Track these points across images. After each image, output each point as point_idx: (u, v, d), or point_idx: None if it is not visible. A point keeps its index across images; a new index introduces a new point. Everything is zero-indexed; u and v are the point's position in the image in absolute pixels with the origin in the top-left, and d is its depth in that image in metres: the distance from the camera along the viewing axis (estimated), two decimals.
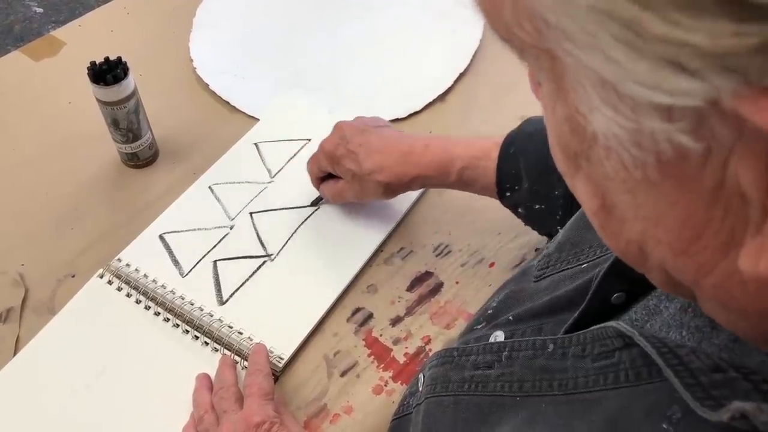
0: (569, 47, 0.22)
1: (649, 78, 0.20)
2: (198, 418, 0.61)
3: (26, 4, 2.29)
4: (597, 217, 0.28)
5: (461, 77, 0.93)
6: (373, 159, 0.68)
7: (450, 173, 0.67)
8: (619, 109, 0.21)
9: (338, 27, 1.02)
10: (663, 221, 0.24)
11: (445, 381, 0.47)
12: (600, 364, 0.36)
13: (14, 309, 0.71)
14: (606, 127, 0.22)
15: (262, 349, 0.66)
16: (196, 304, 0.71)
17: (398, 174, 0.68)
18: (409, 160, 0.68)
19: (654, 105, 0.20)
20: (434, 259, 0.75)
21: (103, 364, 0.67)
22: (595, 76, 0.21)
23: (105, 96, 0.77)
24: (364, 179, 0.69)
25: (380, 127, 0.72)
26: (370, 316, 0.71)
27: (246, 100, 0.91)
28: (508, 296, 0.54)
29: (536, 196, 0.64)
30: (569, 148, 0.26)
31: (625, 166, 0.23)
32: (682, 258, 0.25)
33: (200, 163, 0.84)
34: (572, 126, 0.25)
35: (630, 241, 0.27)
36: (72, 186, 0.82)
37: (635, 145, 0.22)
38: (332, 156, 0.71)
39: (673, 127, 0.20)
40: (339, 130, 0.72)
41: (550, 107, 0.26)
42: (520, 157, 0.65)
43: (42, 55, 0.98)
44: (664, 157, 0.22)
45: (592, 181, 0.26)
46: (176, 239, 0.77)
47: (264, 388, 0.61)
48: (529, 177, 0.64)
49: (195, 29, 1.01)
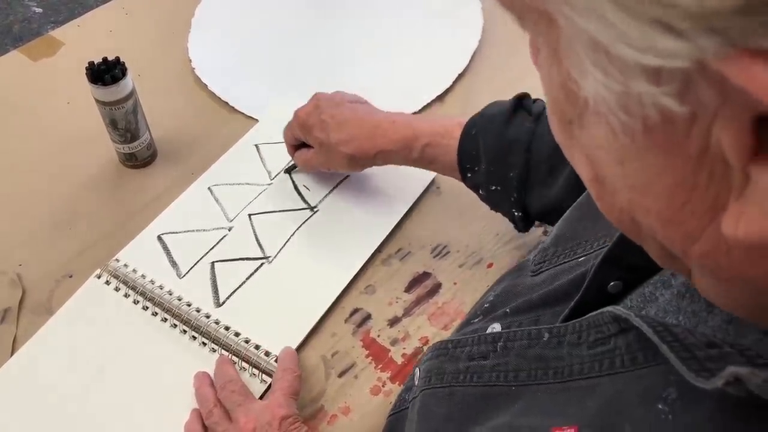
0: (566, 10, 0.22)
1: (640, 39, 0.20)
2: (207, 412, 0.62)
3: (25, 4, 2.29)
4: (592, 187, 0.28)
5: (460, 78, 0.93)
6: (342, 131, 0.71)
7: (413, 149, 0.69)
8: (609, 71, 0.22)
9: (337, 27, 1.02)
10: (650, 189, 0.25)
11: (439, 373, 0.47)
12: (595, 351, 0.36)
13: (12, 309, 0.71)
14: (596, 91, 0.23)
15: (292, 351, 0.67)
16: (194, 306, 0.71)
17: (363, 147, 0.70)
18: (376, 134, 0.70)
19: (643, 67, 0.21)
20: (432, 260, 0.75)
21: (101, 364, 0.67)
22: (588, 39, 0.22)
23: (103, 96, 0.77)
24: (331, 149, 0.72)
25: (355, 101, 0.75)
26: (368, 316, 0.71)
27: (244, 101, 0.91)
28: (505, 290, 0.55)
29: (493, 177, 0.66)
30: (565, 115, 0.27)
31: (614, 132, 0.24)
32: (670, 226, 0.25)
33: (198, 164, 0.84)
34: (566, 92, 0.25)
35: (623, 211, 0.27)
36: (70, 186, 0.82)
37: (623, 109, 0.22)
38: (304, 124, 0.74)
39: (660, 91, 0.21)
40: (315, 99, 0.75)
41: (546, 73, 0.26)
42: (479, 137, 0.66)
43: (40, 55, 0.97)
44: (650, 122, 0.22)
45: (585, 150, 0.27)
46: (174, 240, 0.77)
47: (294, 386, 0.62)
48: (487, 157, 0.66)
49: (193, 29, 1.01)
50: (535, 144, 0.64)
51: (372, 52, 0.98)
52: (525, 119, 0.66)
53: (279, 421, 0.58)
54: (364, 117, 0.72)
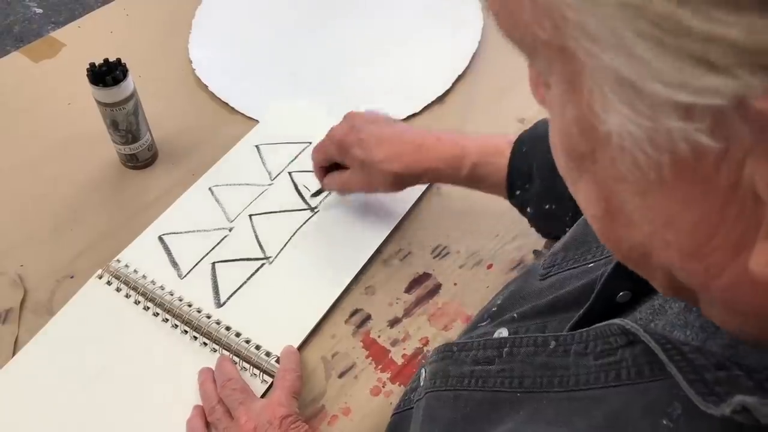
0: (589, 45, 0.21)
1: (673, 76, 0.19)
2: (210, 408, 0.62)
3: (26, 4, 2.29)
4: (600, 221, 0.28)
5: (460, 79, 0.94)
6: (384, 148, 0.68)
7: (462, 167, 0.66)
8: (637, 107, 0.21)
9: (337, 29, 1.02)
10: (673, 223, 0.24)
11: (444, 376, 0.47)
12: (602, 361, 0.36)
13: (13, 310, 0.71)
14: (621, 127, 0.22)
15: (294, 351, 0.67)
16: (195, 306, 0.71)
17: (409, 164, 0.67)
18: (421, 152, 0.67)
19: (675, 104, 0.20)
20: (432, 260, 0.75)
21: (102, 365, 0.67)
22: (614, 74, 0.21)
23: (104, 97, 0.77)
24: (373, 168, 0.68)
25: (391, 120, 0.72)
26: (368, 317, 0.71)
27: (245, 102, 0.92)
28: (512, 294, 0.54)
29: (547, 196, 0.64)
30: (576, 150, 0.26)
31: (639, 166, 0.23)
32: (691, 260, 0.25)
33: (199, 165, 0.84)
34: (582, 127, 0.25)
35: (634, 244, 0.27)
36: (71, 187, 0.83)
37: (651, 145, 0.22)
38: (342, 143, 0.70)
39: (692, 126, 0.20)
40: (350, 119, 0.71)
41: (558, 109, 0.26)
42: (532, 155, 0.64)
43: (41, 56, 0.98)
44: (679, 156, 0.22)
45: (598, 184, 0.26)
46: (175, 240, 0.77)
47: (295, 385, 0.63)
48: (541, 175, 0.64)
49: (194, 30, 1.01)
50: None
51: (372, 54, 0.98)
52: None
53: (279, 420, 0.58)
54: (405, 134, 0.69)
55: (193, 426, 0.62)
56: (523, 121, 0.88)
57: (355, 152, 0.69)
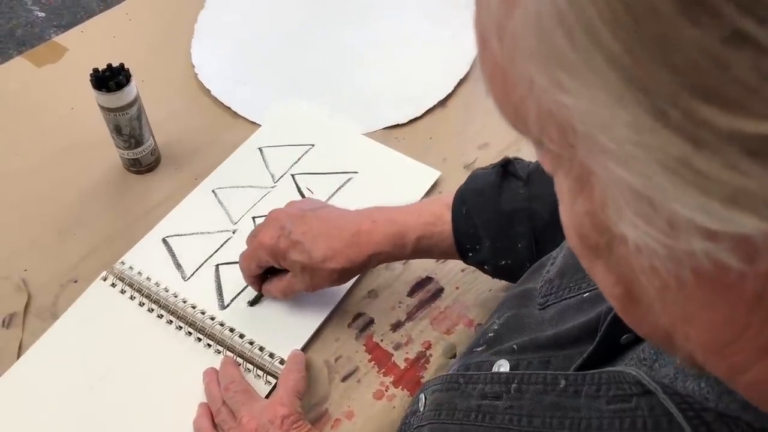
0: (601, 158, 0.20)
1: (697, 206, 0.18)
2: (216, 410, 0.63)
3: (28, 8, 2.30)
4: (619, 301, 0.26)
5: (461, 83, 0.94)
6: (321, 246, 0.64)
7: (405, 245, 0.64)
8: (655, 223, 0.20)
9: (339, 33, 1.02)
10: (694, 321, 0.23)
11: (450, 408, 0.47)
12: (615, 407, 0.35)
13: (17, 314, 0.72)
14: (637, 237, 0.21)
15: (300, 353, 0.67)
16: (198, 308, 0.71)
17: (350, 257, 0.64)
18: (360, 241, 0.64)
19: (697, 227, 0.19)
20: (434, 264, 0.75)
21: (107, 366, 0.67)
22: (628, 187, 0.20)
23: (107, 102, 0.77)
24: (315, 269, 0.64)
25: (317, 208, 0.68)
26: (371, 321, 0.71)
27: (247, 106, 0.92)
28: (509, 320, 0.53)
29: (500, 252, 0.62)
30: (589, 240, 0.25)
31: (657, 272, 0.22)
32: (714, 357, 0.24)
33: (202, 169, 0.84)
34: (594, 222, 0.23)
35: (656, 327, 0.26)
36: (74, 192, 0.83)
37: (670, 259, 0.21)
38: (275, 249, 0.65)
39: (716, 247, 0.19)
40: (275, 221, 0.66)
41: (568, 200, 0.24)
42: (475, 214, 0.63)
43: (44, 61, 0.98)
44: (701, 269, 0.20)
45: (615, 270, 0.25)
46: (179, 242, 0.77)
47: (298, 386, 0.63)
48: (489, 235, 0.62)
49: (196, 35, 1.01)
50: (534, 207, 0.61)
51: (373, 58, 0.98)
52: (516, 186, 0.62)
53: (281, 420, 0.58)
54: (338, 225, 0.65)
55: (200, 426, 0.63)
56: None
57: (293, 257, 0.64)
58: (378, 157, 0.85)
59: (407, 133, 0.89)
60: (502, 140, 0.87)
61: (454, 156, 0.86)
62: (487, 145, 0.87)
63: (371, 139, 0.88)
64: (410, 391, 0.66)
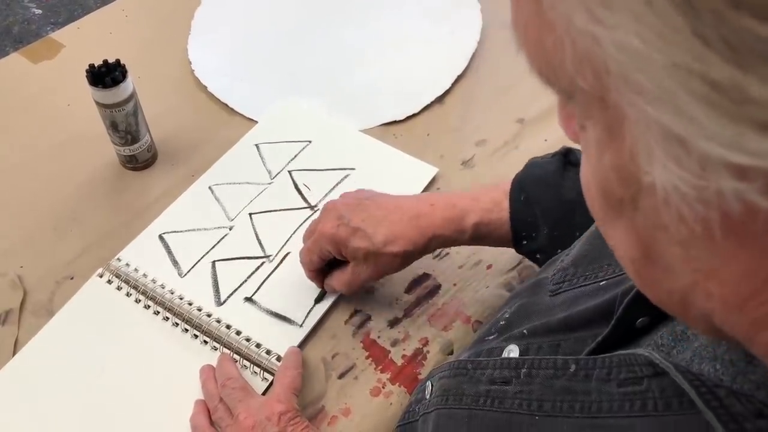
0: (634, 98, 0.20)
1: (730, 138, 0.19)
2: (213, 407, 0.63)
3: (25, 5, 2.29)
4: (636, 264, 0.27)
5: (459, 79, 0.94)
6: (382, 231, 0.63)
7: (464, 230, 0.64)
8: (685, 164, 0.20)
9: (336, 29, 1.02)
10: (718, 275, 0.23)
11: (458, 393, 0.46)
12: (626, 389, 0.35)
13: (13, 311, 0.71)
14: (667, 181, 0.21)
15: (296, 350, 0.67)
16: (195, 305, 0.71)
17: (413, 240, 0.63)
18: (421, 224, 0.64)
19: (728, 164, 0.19)
20: (432, 261, 0.75)
21: (103, 363, 0.67)
22: (660, 128, 0.20)
23: (103, 98, 0.77)
24: (378, 254, 0.63)
25: (373, 196, 0.67)
26: (368, 318, 0.71)
27: (244, 103, 0.92)
28: (521, 308, 0.53)
29: (557, 242, 0.62)
30: (613, 196, 0.25)
31: (684, 219, 0.22)
32: (736, 313, 0.24)
33: (198, 166, 0.84)
34: (621, 175, 0.24)
35: (673, 291, 0.26)
36: (70, 188, 0.83)
37: (699, 202, 0.21)
38: (335, 238, 0.64)
39: (746, 187, 0.19)
40: (331, 210, 0.66)
41: (595, 153, 0.25)
42: (534, 204, 0.63)
43: (41, 58, 0.98)
44: (729, 214, 0.21)
45: (637, 229, 0.25)
46: (176, 239, 0.77)
47: (295, 382, 0.63)
48: (548, 223, 0.62)
49: (193, 31, 1.01)
50: None
51: (371, 54, 0.98)
52: (577, 175, 0.63)
53: (278, 417, 0.58)
54: (397, 209, 0.65)
55: (197, 423, 0.62)
56: (522, 121, 0.88)
57: (355, 243, 0.64)
58: (375, 154, 0.85)
59: (405, 129, 0.89)
60: (499, 137, 0.87)
61: (452, 153, 0.86)
62: (484, 141, 0.87)
63: (369, 135, 0.87)
64: (407, 388, 0.66)
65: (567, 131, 0.28)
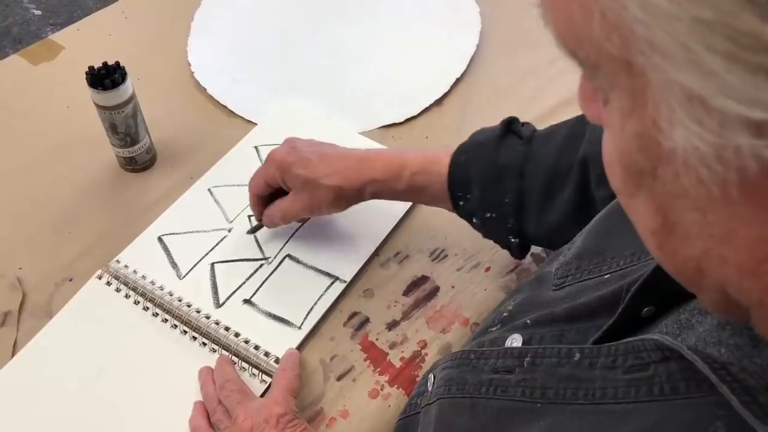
0: (658, 60, 0.21)
1: (747, 92, 0.19)
2: (212, 410, 0.63)
3: (24, 6, 2.29)
4: (655, 235, 0.28)
5: (458, 82, 0.94)
6: (325, 164, 0.68)
7: (401, 178, 0.67)
8: (706, 123, 0.21)
9: (335, 32, 1.02)
10: (733, 240, 0.24)
11: (461, 383, 0.47)
12: (632, 376, 0.35)
13: (12, 313, 0.71)
14: (687, 142, 0.22)
15: (294, 352, 0.67)
16: (194, 306, 0.71)
17: (349, 178, 0.67)
18: (362, 166, 0.68)
19: (745, 120, 0.20)
20: (430, 263, 0.75)
21: (102, 365, 0.67)
22: (682, 89, 0.21)
23: (103, 100, 0.77)
24: (315, 184, 0.67)
25: (332, 144, 0.72)
26: (367, 320, 0.71)
27: (244, 105, 0.92)
28: (524, 300, 0.54)
29: (487, 204, 0.64)
30: (635, 166, 0.26)
31: (703, 182, 0.23)
32: (750, 277, 0.25)
33: (198, 167, 0.84)
34: (643, 143, 0.25)
35: (689, 259, 0.27)
36: (70, 190, 0.83)
37: (718, 161, 0.22)
38: (283, 163, 0.68)
39: (763, 143, 0.20)
40: (290, 142, 0.71)
41: (618, 124, 0.26)
42: (470, 164, 0.65)
43: (40, 59, 0.98)
44: (746, 173, 0.21)
45: (656, 199, 0.26)
46: (175, 241, 0.77)
47: (293, 384, 0.63)
48: (479, 184, 0.64)
49: (193, 34, 1.01)
50: (528, 168, 0.63)
51: (370, 57, 0.98)
52: (516, 143, 0.64)
53: (276, 419, 0.58)
54: (347, 151, 0.70)
55: (196, 425, 0.63)
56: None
57: (297, 171, 0.68)
58: None
59: (404, 132, 0.89)
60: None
61: None
62: None
63: (368, 138, 0.87)
64: (406, 390, 0.66)
65: (588, 111, 0.29)
